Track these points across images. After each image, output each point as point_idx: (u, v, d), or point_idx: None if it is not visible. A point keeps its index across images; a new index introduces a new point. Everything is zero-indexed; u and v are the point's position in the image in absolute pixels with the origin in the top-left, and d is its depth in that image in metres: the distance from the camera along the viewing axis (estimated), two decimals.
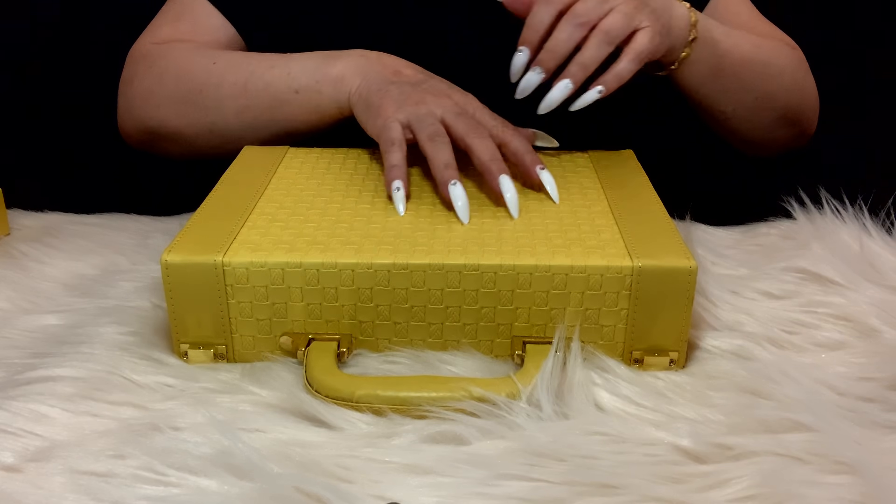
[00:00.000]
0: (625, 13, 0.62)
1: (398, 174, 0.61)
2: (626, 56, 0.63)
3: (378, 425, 0.50)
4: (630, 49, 0.63)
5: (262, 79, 0.72)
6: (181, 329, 0.55)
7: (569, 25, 0.62)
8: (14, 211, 0.77)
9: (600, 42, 0.61)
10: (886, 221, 0.70)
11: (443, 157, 0.61)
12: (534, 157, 0.64)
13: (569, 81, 0.62)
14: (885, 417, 0.50)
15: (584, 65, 0.62)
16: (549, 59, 0.62)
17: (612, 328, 0.54)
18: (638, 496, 0.44)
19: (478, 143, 0.62)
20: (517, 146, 0.64)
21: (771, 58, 0.76)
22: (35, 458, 0.47)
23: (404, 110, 0.64)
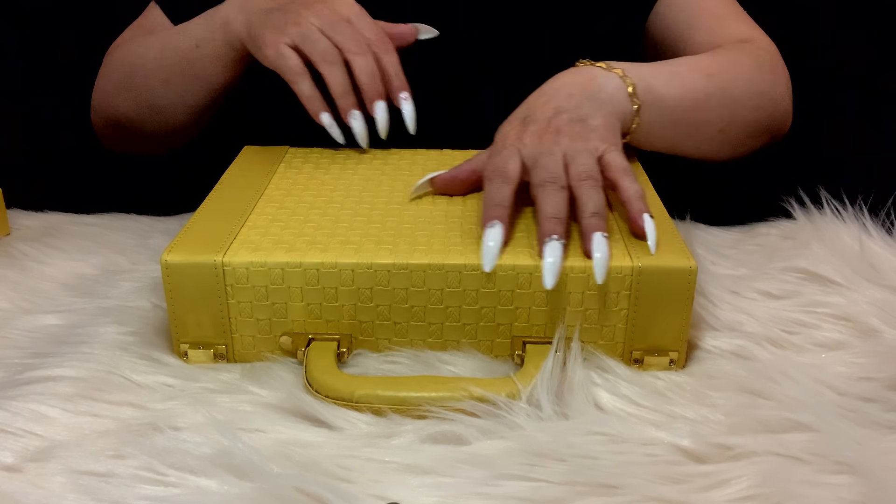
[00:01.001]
0: (583, 152, 0.58)
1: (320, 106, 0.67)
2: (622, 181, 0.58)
3: (378, 425, 0.50)
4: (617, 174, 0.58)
5: (171, 46, 0.75)
6: (181, 329, 0.55)
7: (552, 193, 0.56)
8: (14, 211, 0.77)
9: (593, 188, 0.56)
10: (886, 221, 0.70)
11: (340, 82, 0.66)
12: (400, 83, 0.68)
13: (601, 234, 0.54)
14: (885, 417, 0.50)
15: (600, 213, 0.55)
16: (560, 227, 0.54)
17: (612, 328, 0.54)
18: (638, 496, 0.44)
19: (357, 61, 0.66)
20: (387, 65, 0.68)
21: (728, 81, 0.71)
22: (35, 458, 0.47)
23: (287, 31, 0.67)
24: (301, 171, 0.68)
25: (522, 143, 0.60)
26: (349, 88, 0.66)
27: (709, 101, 0.69)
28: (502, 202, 0.56)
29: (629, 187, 0.57)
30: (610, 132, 0.61)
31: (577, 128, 0.60)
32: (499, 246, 0.54)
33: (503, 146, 0.60)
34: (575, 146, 0.58)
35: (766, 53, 0.76)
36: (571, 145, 0.58)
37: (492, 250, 0.54)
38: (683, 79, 0.69)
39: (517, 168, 0.58)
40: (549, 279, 0.52)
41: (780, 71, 0.76)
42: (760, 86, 0.73)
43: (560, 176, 0.57)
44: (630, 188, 0.57)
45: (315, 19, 0.67)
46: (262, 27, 0.68)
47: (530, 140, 0.60)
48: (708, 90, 0.69)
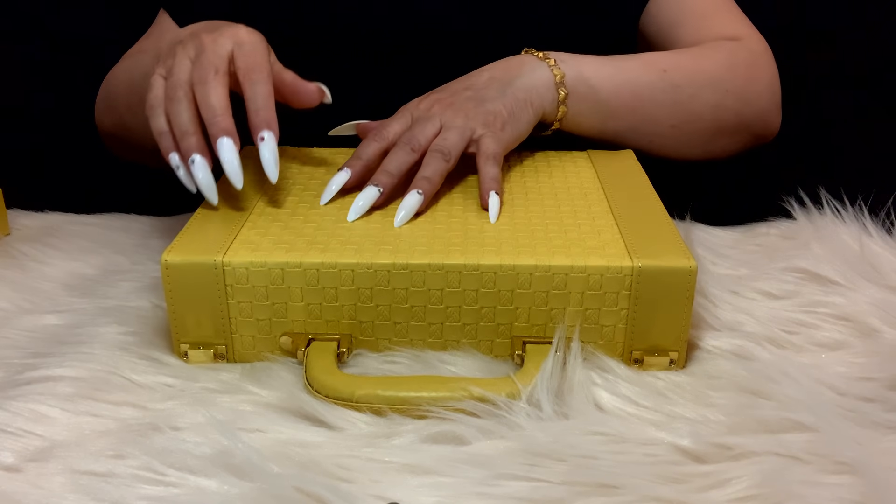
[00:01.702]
0: (456, 128, 0.63)
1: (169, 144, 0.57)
2: (485, 163, 0.62)
3: (378, 425, 0.50)
4: (483, 156, 0.62)
5: (132, 73, 0.73)
6: (181, 329, 0.55)
7: (399, 151, 0.62)
8: (14, 211, 0.77)
9: (437, 159, 0.61)
10: (886, 221, 0.70)
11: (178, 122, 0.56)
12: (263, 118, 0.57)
13: (419, 191, 0.59)
14: (885, 417, 0.50)
15: (429, 178, 0.60)
16: (383, 177, 0.60)
17: (612, 328, 0.54)
18: (638, 496, 0.44)
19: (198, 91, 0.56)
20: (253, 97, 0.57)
21: (685, 78, 0.72)
22: (35, 458, 0.47)
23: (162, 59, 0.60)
24: (301, 171, 0.68)
25: (418, 108, 0.66)
26: (190, 129, 0.56)
27: (654, 95, 0.71)
28: (362, 156, 0.63)
29: (487, 171, 0.61)
30: (500, 120, 0.65)
31: (469, 105, 0.65)
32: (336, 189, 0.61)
33: (401, 110, 0.67)
34: (454, 122, 0.64)
35: (746, 52, 0.75)
36: (452, 120, 0.64)
37: (330, 192, 0.61)
38: (629, 72, 0.71)
39: (398, 131, 0.64)
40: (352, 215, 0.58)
41: (762, 71, 0.76)
42: (727, 84, 0.73)
43: (418, 141, 0.62)
44: (487, 172, 0.61)
45: (192, 50, 0.58)
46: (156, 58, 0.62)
47: (424, 106, 0.66)
48: (656, 85, 0.71)
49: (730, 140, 0.76)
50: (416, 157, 0.62)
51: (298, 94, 0.62)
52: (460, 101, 0.65)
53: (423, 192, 0.59)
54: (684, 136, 0.74)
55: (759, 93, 0.75)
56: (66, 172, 1.05)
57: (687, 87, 0.72)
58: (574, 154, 0.72)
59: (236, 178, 0.57)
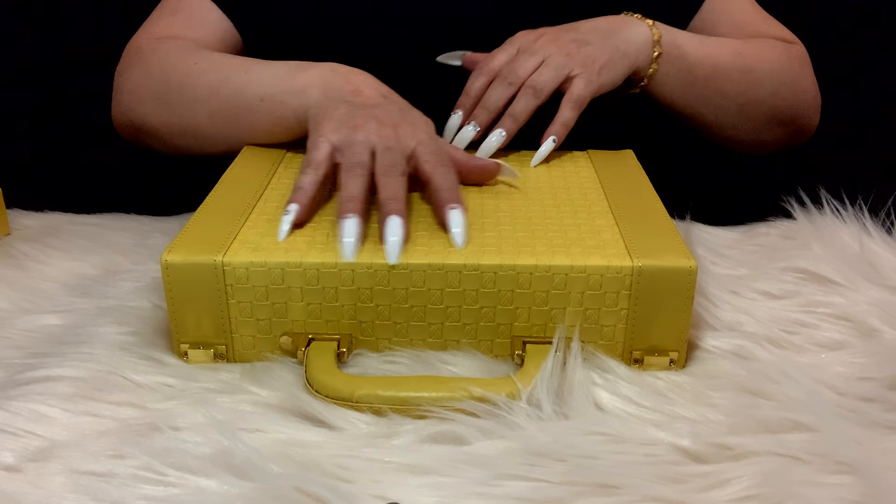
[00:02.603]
0: (555, 65, 0.68)
1: (297, 197, 0.58)
2: (566, 105, 0.68)
3: (378, 425, 0.50)
4: (568, 97, 0.68)
5: (233, 83, 0.71)
6: (181, 329, 0.55)
7: (499, 86, 0.69)
8: (14, 211, 0.77)
9: (528, 96, 0.68)
10: (886, 221, 0.70)
11: (349, 190, 0.57)
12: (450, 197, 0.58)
13: (502, 131, 0.68)
14: (885, 417, 0.50)
15: (514, 117, 0.68)
16: (482, 114, 0.69)
17: (612, 328, 0.54)
18: (638, 496, 0.44)
19: (382, 181, 0.58)
20: (439, 183, 0.59)
21: (755, 63, 0.77)
22: (35, 458, 0.47)
23: (340, 132, 0.61)
24: None
25: (524, 39, 0.71)
26: (360, 197, 0.57)
27: (730, 73, 0.76)
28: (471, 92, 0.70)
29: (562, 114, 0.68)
30: (598, 65, 0.69)
31: (572, 46, 0.70)
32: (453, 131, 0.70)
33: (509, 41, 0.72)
34: (555, 59, 0.68)
35: (796, 52, 0.81)
36: (553, 56, 0.69)
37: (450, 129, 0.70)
38: (711, 47, 0.76)
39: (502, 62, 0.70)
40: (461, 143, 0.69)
41: (808, 70, 0.82)
42: (784, 75, 0.79)
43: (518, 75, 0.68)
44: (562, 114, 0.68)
45: (374, 136, 0.60)
46: (326, 114, 0.63)
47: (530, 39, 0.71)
48: (732, 63, 0.76)
49: (779, 131, 0.82)
50: (513, 91, 0.68)
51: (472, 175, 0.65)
52: (564, 40, 0.70)
53: (506, 131, 0.67)
54: (746, 116, 0.79)
55: (807, 89, 0.82)
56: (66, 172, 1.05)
57: (756, 72, 0.77)
58: (574, 154, 0.72)
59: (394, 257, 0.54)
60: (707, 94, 0.76)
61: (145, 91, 0.76)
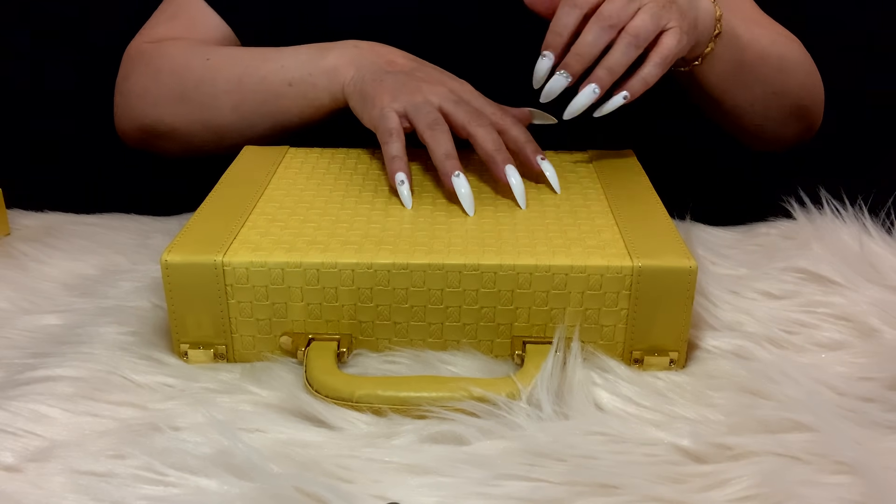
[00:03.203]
0: (653, 13, 0.60)
1: (400, 165, 0.62)
2: (652, 60, 0.61)
3: (378, 425, 0.50)
4: (656, 52, 0.61)
5: (256, 73, 0.72)
6: (181, 329, 0.55)
7: (596, 27, 0.59)
8: (14, 211, 0.77)
9: (628, 45, 0.59)
10: (886, 221, 0.70)
11: (444, 147, 0.61)
12: (534, 147, 0.64)
13: (595, 86, 0.60)
14: (885, 417, 0.50)
15: (612, 69, 0.60)
16: (575, 62, 0.60)
17: (612, 328, 0.54)
18: (638, 496, 0.44)
19: (481, 132, 0.62)
20: (517, 135, 0.64)
21: (786, 52, 0.76)
22: (35, 458, 0.47)
23: (400, 100, 0.64)
24: (301, 171, 0.68)
25: None
26: (453, 153, 0.61)
27: (770, 61, 0.75)
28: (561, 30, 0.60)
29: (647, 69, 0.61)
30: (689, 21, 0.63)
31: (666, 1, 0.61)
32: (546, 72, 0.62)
33: None
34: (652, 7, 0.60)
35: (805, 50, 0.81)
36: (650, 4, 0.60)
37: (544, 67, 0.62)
38: (755, 32, 0.74)
39: None
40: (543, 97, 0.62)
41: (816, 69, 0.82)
42: (807, 66, 0.80)
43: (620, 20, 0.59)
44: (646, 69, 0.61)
45: (433, 96, 0.64)
46: (376, 87, 0.66)
47: None
48: (770, 50, 0.75)
49: (797, 125, 0.81)
50: (612, 36, 0.59)
51: None
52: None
53: (600, 87, 0.60)
54: (775, 107, 0.77)
55: (819, 87, 0.82)
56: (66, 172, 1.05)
57: (788, 60, 0.77)
58: (574, 154, 0.72)
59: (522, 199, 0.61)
60: (749, 79, 0.74)
61: (156, 94, 0.76)
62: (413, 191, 0.62)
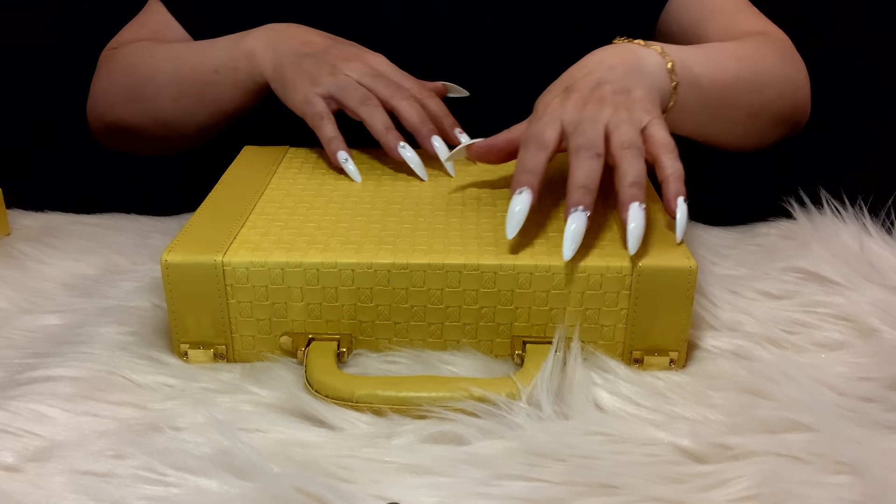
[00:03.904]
0: (627, 121, 0.57)
1: (339, 144, 0.66)
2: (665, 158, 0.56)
3: (378, 425, 0.50)
4: (659, 150, 0.57)
5: (188, 64, 0.75)
6: (181, 329, 0.55)
7: (586, 160, 0.55)
8: (14, 211, 0.77)
9: (634, 157, 0.55)
10: (886, 221, 0.70)
11: (381, 121, 0.66)
12: (452, 121, 0.69)
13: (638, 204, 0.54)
14: (885, 417, 0.50)
15: (639, 183, 0.54)
16: (586, 196, 0.54)
17: (612, 328, 0.54)
18: (638, 496, 0.44)
19: (404, 106, 0.67)
20: (435, 108, 0.69)
21: (757, 67, 0.72)
22: (35, 458, 0.47)
23: (321, 83, 0.67)
24: (301, 171, 0.68)
25: (564, 110, 0.58)
26: (392, 125, 0.67)
27: (739, 84, 0.70)
28: (533, 169, 0.56)
29: (670, 165, 0.56)
30: (652, 105, 0.60)
31: (621, 98, 0.58)
32: (525, 212, 0.54)
33: (544, 114, 0.58)
34: (619, 116, 0.57)
35: (783, 45, 0.77)
36: (615, 115, 0.57)
37: (517, 216, 0.54)
38: (716, 61, 0.69)
39: (555, 135, 0.57)
40: (569, 249, 0.52)
41: (798, 61, 0.78)
42: (784, 72, 0.75)
43: (598, 144, 0.55)
44: (671, 166, 0.56)
45: (352, 72, 0.67)
46: (293, 71, 0.68)
47: (573, 107, 0.58)
48: (738, 74, 0.70)
49: (781, 129, 0.78)
50: (602, 162, 0.55)
51: None
52: (608, 94, 0.58)
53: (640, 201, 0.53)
54: (756, 124, 0.74)
55: (803, 82, 0.78)
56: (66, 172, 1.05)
57: (760, 75, 0.72)
58: None
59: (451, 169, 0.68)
60: (720, 112, 0.70)
61: (112, 94, 0.80)
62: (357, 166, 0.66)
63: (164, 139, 0.80)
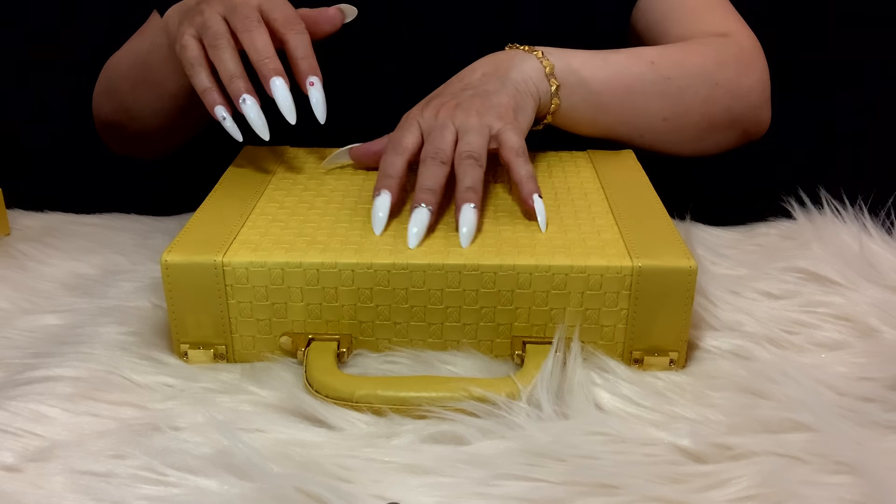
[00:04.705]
0: (474, 129, 0.60)
1: (214, 97, 0.61)
2: (515, 162, 0.60)
3: (378, 425, 0.50)
4: (510, 155, 0.60)
5: (135, 51, 0.77)
6: (181, 329, 0.55)
7: (432, 167, 0.59)
8: (14, 211, 0.77)
9: (472, 167, 0.58)
10: (886, 221, 0.70)
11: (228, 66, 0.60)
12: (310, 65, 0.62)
13: (471, 205, 0.56)
14: (885, 417, 0.50)
15: (474, 188, 0.58)
16: (430, 196, 0.57)
17: (612, 328, 0.54)
18: (638, 496, 0.44)
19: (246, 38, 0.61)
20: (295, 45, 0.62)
21: (673, 70, 0.71)
22: (35, 458, 0.47)
23: (193, 23, 0.63)
24: (301, 171, 0.68)
25: (422, 116, 0.63)
26: (237, 72, 0.60)
27: (644, 87, 0.70)
28: (392, 173, 0.59)
29: (520, 168, 0.59)
30: (511, 111, 0.63)
31: (477, 103, 0.62)
32: (386, 215, 0.57)
33: (405, 121, 0.63)
34: (468, 122, 0.61)
35: (736, 48, 0.75)
36: (465, 121, 0.61)
37: (381, 220, 0.57)
38: (617, 65, 0.70)
39: (413, 141, 0.61)
40: (413, 241, 0.55)
41: (752, 66, 0.75)
42: (716, 77, 0.73)
43: (444, 151, 0.59)
44: (521, 169, 0.59)
45: (220, 6, 0.62)
46: (178, 23, 0.65)
47: (429, 114, 0.62)
48: (645, 77, 0.70)
49: (721, 136, 0.76)
50: (447, 170, 0.59)
51: (319, 24, 0.66)
52: (465, 100, 0.63)
53: (475, 204, 0.56)
54: (676, 129, 0.73)
55: (749, 88, 0.75)
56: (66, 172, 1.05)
57: (677, 79, 0.71)
58: (574, 154, 0.72)
59: (290, 113, 0.61)
60: (623, 116, 0.71)
61: (98, 91, 0.83)
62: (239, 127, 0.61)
63: (139, 133, 0.80)
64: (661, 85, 0.71)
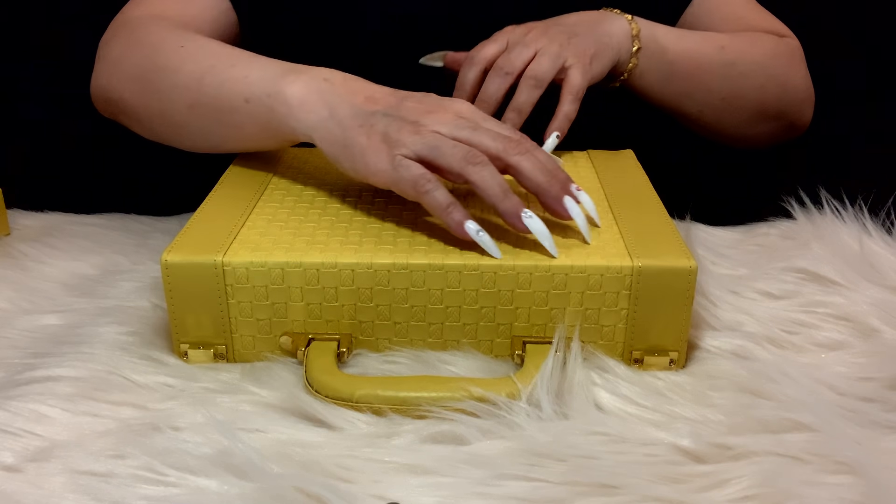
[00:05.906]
0: (550, 55, 0.67)
1: (463, 213, 0.54)
2: (566, 98, 0.67)
3: (378, 425, 0.50)
4: (566, 90, 0.67)
5: (219, 75, 0.63)
6: (181, 329, 0.55)
7: (496, 77, 0.67)
8: (14, 211, 0.77)
9: (530, 87, 0.66)
10: (886, 221, 0.70)
11: (496, 182, 0.54)
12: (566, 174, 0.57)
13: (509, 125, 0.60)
14: (885, 417, 0.50)
15: (519, 109, 0.66)
16: (480, 107, 0.65)
17: (612, 328, 0.54)
18: (638, 496, 0.44)
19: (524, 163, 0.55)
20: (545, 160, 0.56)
21: (739, 57, 0.77)
22: (35, 458, 0.47)
23: (405, 143, 0.54)
24: (301, 171, 0.68)
25: (514, 33, 0.70)
26: (509, 189, 0.54)
27: (712, 67, 0.76)
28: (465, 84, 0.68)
29: (565, 105, 0.67)
30: (589, 56, 0.69)
31: (562, 37, 0.68)
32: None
33: (500, 32, 0.71)
34: (549, 48, 0.67)
35: (787, 46, 0.81)
36: (547, 47, 0.67)
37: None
38: (692, 42, 0.76)
39: (494, 51, 0.68)
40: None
41: (801, 65, 0.82)
42: (771, 69, 0.79)
43: (513, 65, 0.67)
44: (565, 105, 0.67)
45: (441, 126, 0.55)
46: (364, 134, 0.56)
47: (520, 32, 0.70)
48: (714, 58, 0.76)
49: (768, 126, 0.81)
50: (510, 81, 0.66)
51: None
52: (553, 32, 0.69)
53: (513, 125, 0.64)
54: (731, 110, 0.78)
55: (797, 84, 0.81)
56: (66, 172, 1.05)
57: (739, 65, 0.77)
58: (574, 154, 0.72)
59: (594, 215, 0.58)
60: (688, 88, 0.76)
61: (124, 68, 0.71)
62: None
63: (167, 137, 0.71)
64: (726, 68, 0.76)
